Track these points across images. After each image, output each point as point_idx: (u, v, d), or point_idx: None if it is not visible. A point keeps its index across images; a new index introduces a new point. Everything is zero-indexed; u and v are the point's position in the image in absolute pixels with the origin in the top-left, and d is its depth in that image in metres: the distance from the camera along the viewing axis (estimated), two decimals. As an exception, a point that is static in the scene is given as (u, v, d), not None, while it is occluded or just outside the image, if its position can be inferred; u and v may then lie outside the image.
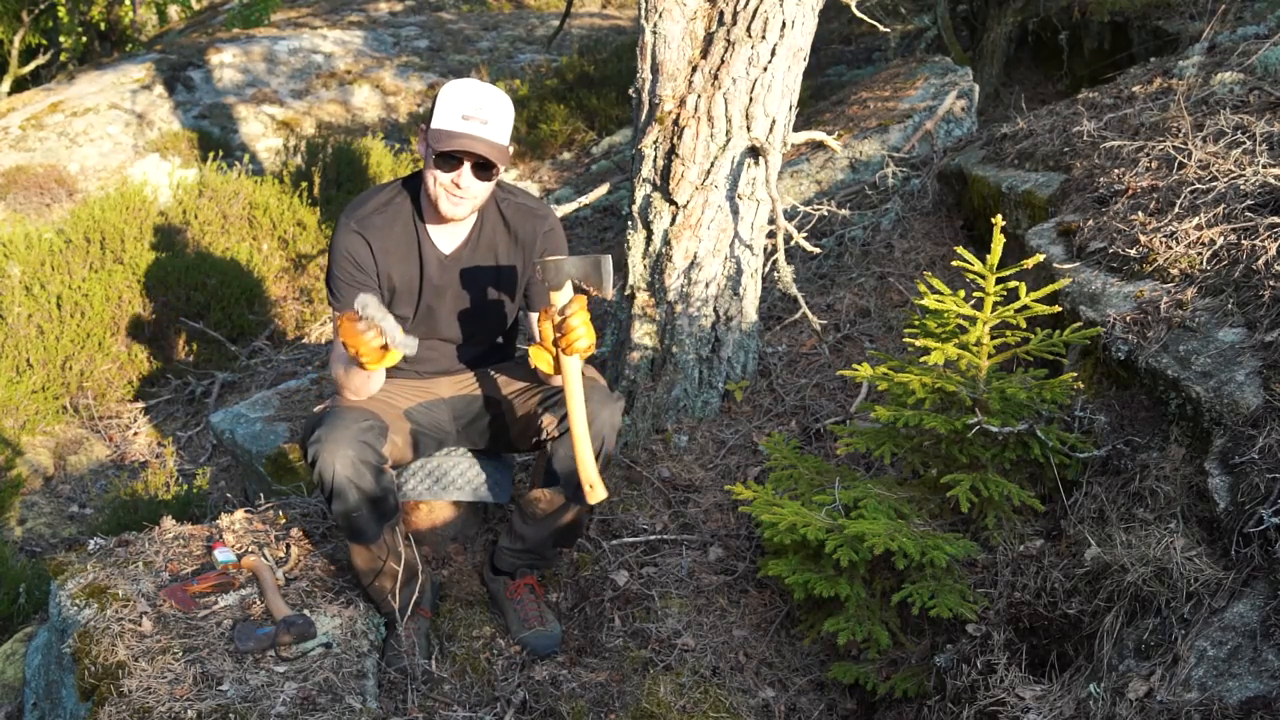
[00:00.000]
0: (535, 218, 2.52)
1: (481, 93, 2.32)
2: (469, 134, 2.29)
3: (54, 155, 7.76)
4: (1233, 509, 1.94)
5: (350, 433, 2.31)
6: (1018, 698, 1.96)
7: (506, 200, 2.53)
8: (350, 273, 2.43)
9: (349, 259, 2.42)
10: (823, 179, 4.73)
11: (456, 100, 2.31)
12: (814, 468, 2.71)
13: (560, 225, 2.57)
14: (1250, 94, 3.29)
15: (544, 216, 2.54)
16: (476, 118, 2.29)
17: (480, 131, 2.30)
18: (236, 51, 9.25)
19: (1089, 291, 2.68)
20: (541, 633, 2.60)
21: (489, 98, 2.32)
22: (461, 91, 2.32)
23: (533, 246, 2.51)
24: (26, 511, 4.34)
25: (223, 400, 4.95)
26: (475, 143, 2.28)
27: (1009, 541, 2.35)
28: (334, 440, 2.29)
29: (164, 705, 2.10)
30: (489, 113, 2.31)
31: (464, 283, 2.52)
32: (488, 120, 2.30)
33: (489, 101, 2.31)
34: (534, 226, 2.51)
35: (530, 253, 2.52)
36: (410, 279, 2.48)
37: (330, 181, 6.72)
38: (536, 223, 2.51)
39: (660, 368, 3.28)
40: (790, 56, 3.03)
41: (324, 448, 2.29)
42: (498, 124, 2.32)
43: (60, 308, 4.98)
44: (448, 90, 2.34)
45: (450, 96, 2.32)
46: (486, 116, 2.30)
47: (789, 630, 2.59)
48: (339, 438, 2.30)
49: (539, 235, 2.51)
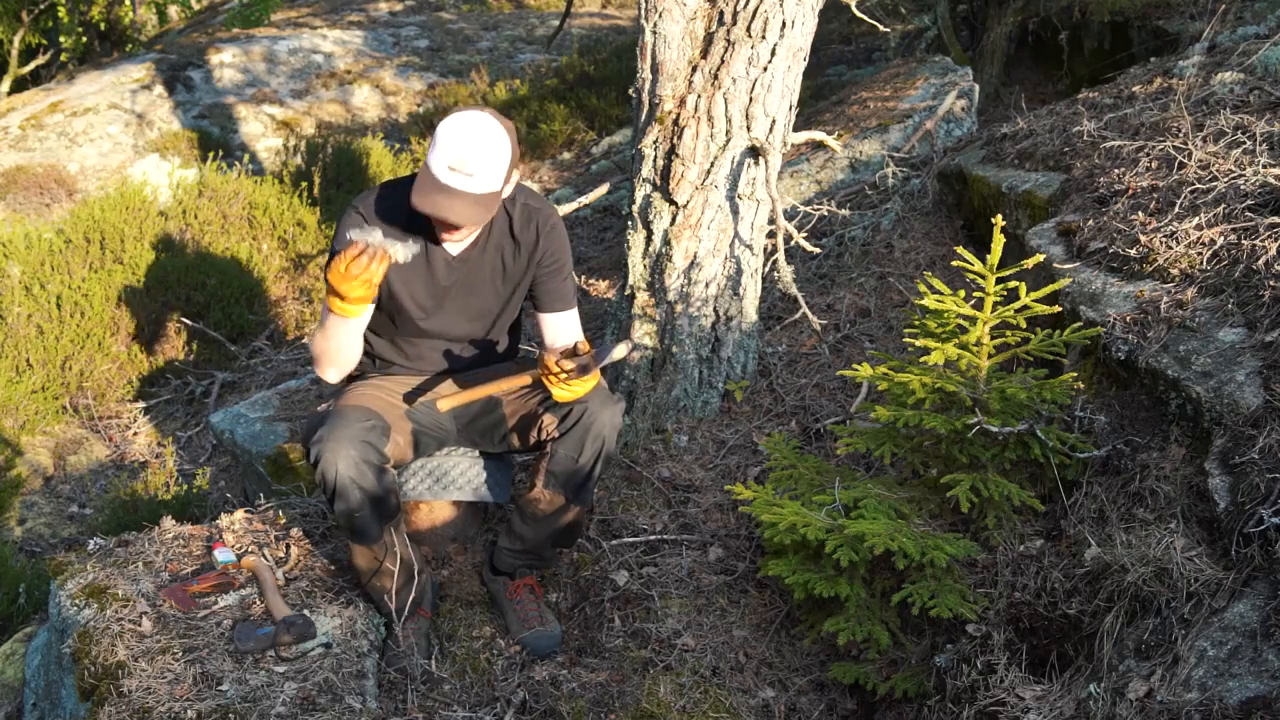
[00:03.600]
0: (538, 218, 2.51)
1: (474, 143, 2.21)
2: (450, 190, 2.21)
3: (54, 155, 7.76)
4: (1233, 509, 1.94)
5: (353, 432, 2.31)
6: (1018, 698, 1.96)
7: (512, 201, 2.50)
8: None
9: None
10: (823, 179, 4.73)
11: (447, 146, 2.21)
12: (814, 468, 2.71)
13: (562, 224, 2.57)
14: (1250, 94, 3.29)
15: (546, 216, 2.52)
16: (462, 170, 2.20)
17: (464, 186, 2.22)
18: (236, 51, 9.24)
19: (1089, 291, 2.68)
20: (541, 633, 2.60)
21: (481, 148, 2.21)
22: (455, 137, 2.21)
23: (535, 247, 2.51)
24: (26, 511, 4.34)
25: (223, 400, 4.95)
26: (451, 204, 2.21)
27: (1009, 541, 2.35)
28: (336, 440, 2.29)
29: (164, 705, 2.10)
30: (476, 164, 2.21)
31: (469, 283, 2.52)
32: (474, 174, 2.21)
33: (479, 153, 2.21)
34: (536, 227, 2.50)
35: (533, 253, 2.51)
36: (417, 278, 2.48)
37: (330, 181, 6.72)
38: (539, 222, 2.50)
39: (660, 368, 3.28)
40: (790, 56, 3.03)
41: (326, 447, 2.29)
42: (485, 176, 2.23)
43: (60, 308, 4.98)
44: (445, 128, 2.23)
45: (445, 138, 2.22)
46: (473, 169, 2.21)
47: (789, 630, 2.59)
48: (341, 437, 2.30)
49: (541, 235, 2.51)
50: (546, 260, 2.52)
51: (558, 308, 2.56)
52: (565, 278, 2.55)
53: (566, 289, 2.56)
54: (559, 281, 2.54)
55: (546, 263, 2.52)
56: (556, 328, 2.57)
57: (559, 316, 2.57)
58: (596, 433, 2.41)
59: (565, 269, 2.55)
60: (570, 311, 2.58)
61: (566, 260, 2.55)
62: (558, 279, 2.54)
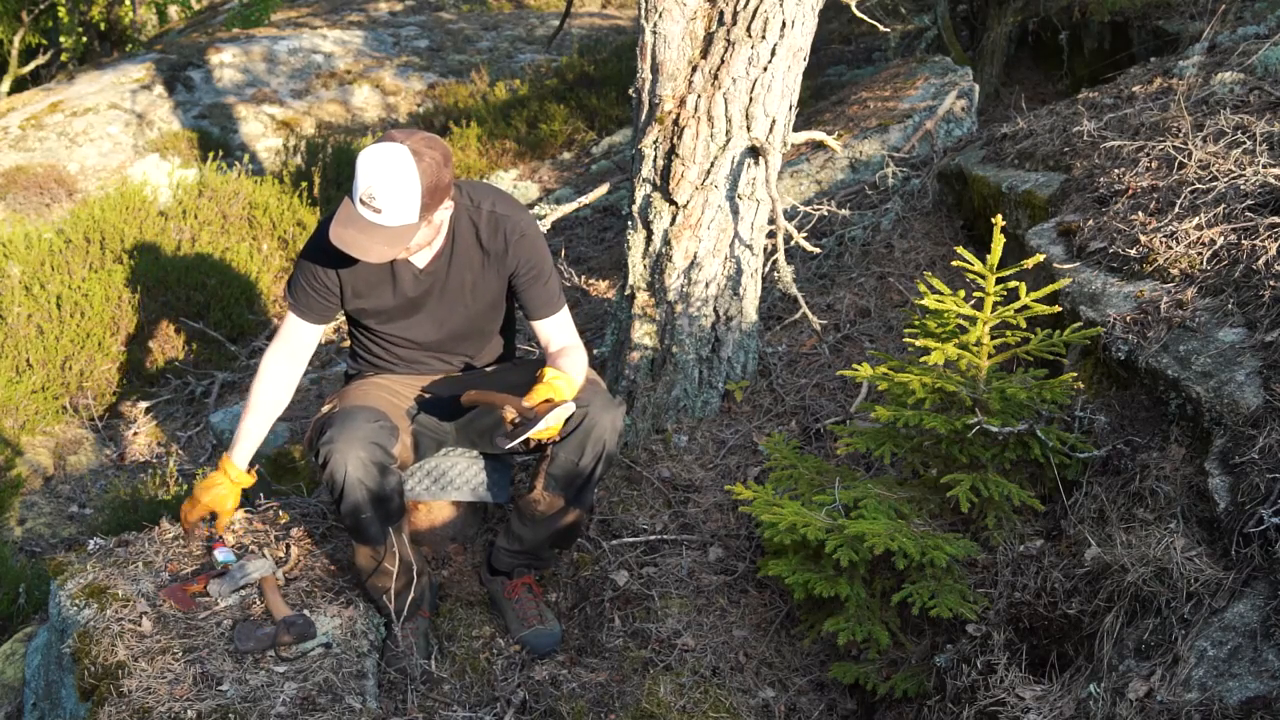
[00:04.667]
0: (505, 225, 2.44)
1: (379, 175, 2.16)
2: (359, 222, 2.19)
3: (54, 155, 7.76)
4: (1233, 509, 1.94)
5: (363, 433, 2.31)
6: (1018, 698, 1.96)
7: (477, 210, 2.44)
8: (313, 275, 2.42)
9: (315, 263, 2.41)
10: (823, 179, 4.73)
11: (359, 179, 2.18)
12: (814, 468, 2.71)
13: (535, 228, 2.49)
14: (1250, 94, 3.29)
15: (515, 223, 2.45)
16: (370, 205, 2.18)
17: (374, 219, 2.18)
18: (236, 51, 9.25)
19: (1089, 291, 2.68)
20: (541, 631, 2.60)
21: (386, 181, 2.16)
22: (363, 170, 2.18)
23: (505, 255, 2.46)
24: (26, 511, 4.34)
25: (223, 400, 4.95)
26: (357, 238, 2.19)
27: (1009, 541, 2.35)
28: (346, 440, 2.29)
29: (164, 705, 2.10)
30: (384, 199, 2.17)
31: (442, 294, 2.49)
32: (381, 208, 2.17)
33: (385, 186, 2.16)
34: (505, 235, 2.44)
35: (504, 262, 2.46)
36: (382, 292, 2.46)
37: (330, 181, 6.72)
38: (507, 230, 2.44)
39: (660, 368, 3.28)
40: (790, 56, 3.03)
41: (336, 448, 2.29)
42: (394, 209, 2.18)
43: (60, 308, 4.97)
44: (359, 161, 2.20)
45: (358, 170, 2.19)
46: (381, 204, 2.17)
47: (789, 630, 2.59)
48: (351, 438, 2.29)
49: (510, 244, 2.45)
50: (522, 269, 2.47)
51: (545, 313, 2.52)
52: (545, 281, 2.50)
53: (549, 293, 2.51)
54: (540, 287, 2.50)
55: (522, 271, 2.47)
56: (548, 333, 2.55)
57: (548, 323, 2.53)
58: (598, 436, 2.41)
59: (543, 273, 2.49)
60: (558, 315, 2.54)
61: (542, 264, 2.49)
62: (538, 285, 2.49)
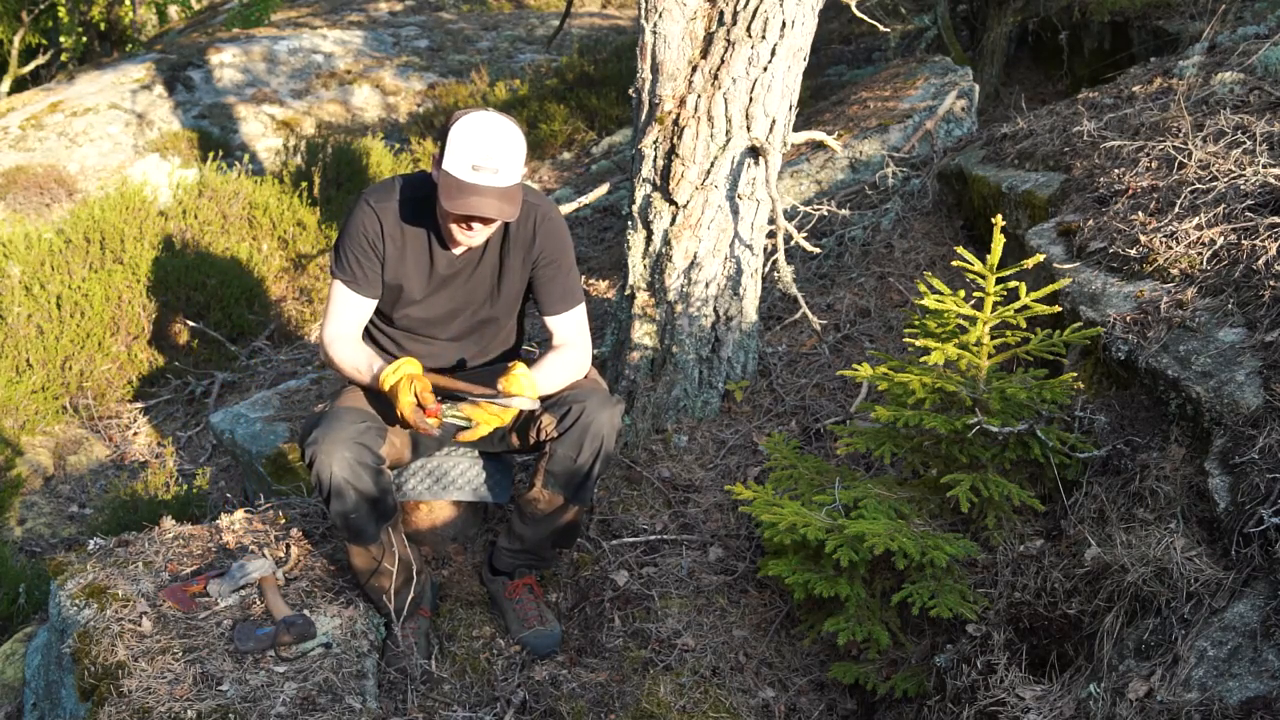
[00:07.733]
0: (535, 213, 2.49)
1: (492, 139, 2.25)
2: (479, 188, 2.24)
3: (54, 155, 7.76)
4: (1233, 509, 1.94)
5: (347, 434, 2.31)
6: (1018, 698, 1.96)
7: None
8: (361, 247, 2.43)
9: (362, 234, 2.42)
10: (823, 179, 4.73)
11: (467, 146, 2.25)
12: (814, 468, 2.71)
13: (561, 219, 2.54)
14: (1250, 94, 3.29)
15: (544, 212, 2.51)
16: (487, 167, 2.24)
17: (491, 181, 2.25)
18: (236, 51, 9.24)
19: (1089, 291, 2.68)
20: (541, 632, 2.60)
21: (500, 144, 2.26)
22: (472, 137, 2.25)
23: (532, 243, 2.50)
24: (26, 511, 4.34)
25: (223, 400, 4.96)
26: (483, 201, 2.25)
27: (1009, 541, 2.35)
28: (331, 441, 2.29)
29: (164, 705, 2.10)
30: (499, 159, 2.25)
31: (468, 283, 2.52)
32: (499, 169, 2.25)
33: (499, 148, 2.26)
34: (533, 223, 2.49)
35: (529, 249, 2.50)
36: (418, 275, 2.48)
37: (330, 181, 6.72)
38: (536, 218, 2.49)
39: (660, 368, 3.28)
40: (790, 56, 3.03)
41: (321, 449, 2.29)
42: (508, 169, 2.27)
43: (60, 308, 4.98)
44: (459, 132, 2.27)
45: (461, 140, 2.26)
46: (497, 164, 2.25)
47: (789, 630, 2.59)
48: (336, 439, 2.30)
49: (538, 231, 2.49)
50: (543, 259, 2.50)
51: (560, 308, 2.54)
52: (566, 273, 2.53)
53: (567, 286, 2.53)
54: (560, 278, 2.52)
55: (544, 261, 2.50)
56: (558, 329, 2.55)
57: (562, 319, 2.54)
58: (595, 433, 2.41)
59: (564, 264, 2.53)
60: (573, 311, 2.55)
61: (565, 253, 2.52)
62: (558, 275, 2.52)
